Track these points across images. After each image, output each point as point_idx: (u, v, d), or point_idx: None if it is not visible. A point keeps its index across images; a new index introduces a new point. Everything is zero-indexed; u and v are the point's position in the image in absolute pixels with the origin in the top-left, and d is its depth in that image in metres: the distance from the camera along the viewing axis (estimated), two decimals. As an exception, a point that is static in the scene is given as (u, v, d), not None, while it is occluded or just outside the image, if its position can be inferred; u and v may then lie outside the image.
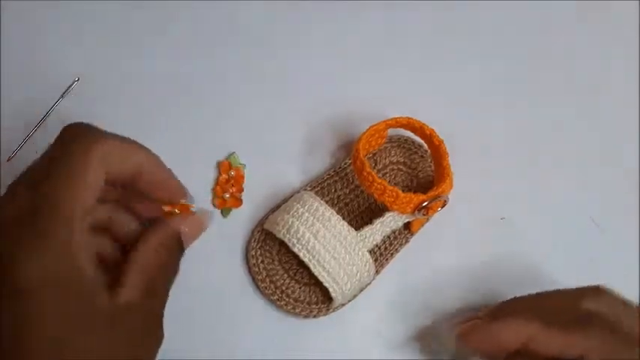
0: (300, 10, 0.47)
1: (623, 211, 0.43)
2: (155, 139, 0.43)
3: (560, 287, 0.34)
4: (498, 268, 0.39)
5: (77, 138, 0.29)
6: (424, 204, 0.36)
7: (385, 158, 0.42)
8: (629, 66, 0.47)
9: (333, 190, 0.41)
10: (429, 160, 0.42)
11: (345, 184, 0.41)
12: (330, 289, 0.36)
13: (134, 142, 0.30)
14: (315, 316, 0.38)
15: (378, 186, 0.36)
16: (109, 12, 0.46)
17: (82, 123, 0.30)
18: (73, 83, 0.44)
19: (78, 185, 0.27)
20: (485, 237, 0.42)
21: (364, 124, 0.39)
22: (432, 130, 0.38)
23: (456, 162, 0.38)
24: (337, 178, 0.41)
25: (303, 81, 0.45)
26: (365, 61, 0.46)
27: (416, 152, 0.43)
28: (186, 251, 0.41)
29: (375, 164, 0.42)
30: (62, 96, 0.44)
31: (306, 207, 0.37)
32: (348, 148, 0.43)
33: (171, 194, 0.32)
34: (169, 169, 0.32)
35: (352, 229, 0.37)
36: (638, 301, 0.41)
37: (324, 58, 0.46)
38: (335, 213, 0.37)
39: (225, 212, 0.42)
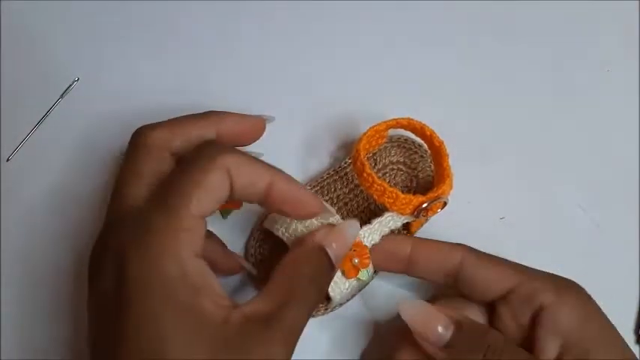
0: (299, 9, 0.47)
1: (623, 211, 0.43)
2: (155, 139, 0.44)
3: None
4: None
5: (204, 147, 0.30)
6: (424, 205, 0.36)
7: (385, 158, 0.42)
8: (629, 66, 0.47)
9: (332, 190, 0.41)
10: (429, 161, 0.42)
11: (344, 184, 0.41)
12: (329, 289, 0.36)
13: (261, 161, 0.30)
14: (312, 316, 0.38)
15: (378, 187, 0.36)
16: (109, 12, 0.46)
17: (211, 141, 0.32)
18: (73, 83, 0.44)
19: (199, 187, 0.27)
20: (485, 237, 0.42)
21: (365, 125, 0.39)
22: (433, 130, 0.38)
23: (456, 162, 0.38)
24: (337, 177, 0.41)
25: (304, 81, 0.45)
26: (365, 61, 0.46)
27: (416, 152, 0.43)
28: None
29: (375, 164, 0.42)
30: (62, 96, 0.44)
31: None
32: (349, 148, 0.43)
33: (306, 211, 0.31)
34: (302, 185, 0.32)
35: None
36: (638, 301, 0.41)
37: (325, 58, 0.46)
38: (335, 212, 0.37)
39: (224, 213, 0.42)
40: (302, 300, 0.28)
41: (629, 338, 0.40)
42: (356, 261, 0.36)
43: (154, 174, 0.30)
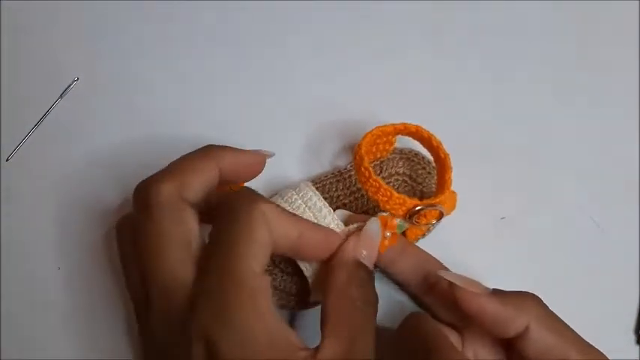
0: (303, 10, 0.47)
1: (623, 211, 0.43)
2: (155, 140, 0.44)
3: (560, 287, 0.34)
4: (498, 268, 0.39)
5: (237, 200, 0.29)
6: (417, 208, 0.36)
7: (391, 168, 0.42)
8: (629, 66, 0.47)
9: (333, 189, 0.41)
10: (436, 178, 0.42)
11: (346, 186, 0.41)
12: (310, 281, 0.36)
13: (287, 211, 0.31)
14: (292, 308, 0.38)
15: (374, 183, 0.35)
16: (109, 11, 0.46)
17: (243, 191, 0.30)
18: (73, 83, 0.44)
19: (252, 244, 0.27)
20: (485, 237, 0.42)
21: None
22: (440, 142, 0.37)
23: (456, 161, 0.38)
24: (340, 178, 0.41)
25: (309, 86, 0.45)
26: (369, 64, 0.46)
27: (424, 168, 0.42)
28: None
29: (380, 171, 0.42)
30: (61, 96, 0.44)
31: (301, 194, 0.37)
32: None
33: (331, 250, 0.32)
34: (325, 229, 0.33)
35: (342, 225, 0.36)
36: (638, 301, 0.41)
37: (330, 62, 0.46)
38: (327, 205, 0.37)
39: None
40: (366, 328, 0.29)
41: (630, 338, 0.40)
42: None
43: (186, 235, 0.28)
